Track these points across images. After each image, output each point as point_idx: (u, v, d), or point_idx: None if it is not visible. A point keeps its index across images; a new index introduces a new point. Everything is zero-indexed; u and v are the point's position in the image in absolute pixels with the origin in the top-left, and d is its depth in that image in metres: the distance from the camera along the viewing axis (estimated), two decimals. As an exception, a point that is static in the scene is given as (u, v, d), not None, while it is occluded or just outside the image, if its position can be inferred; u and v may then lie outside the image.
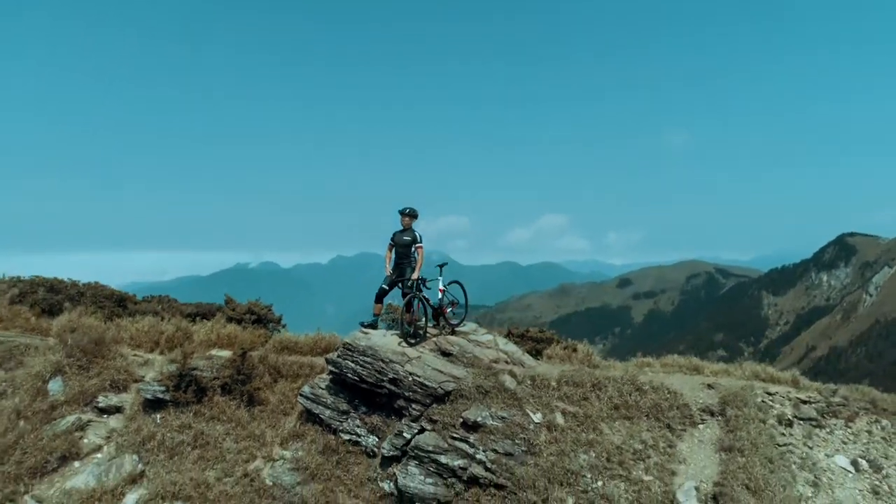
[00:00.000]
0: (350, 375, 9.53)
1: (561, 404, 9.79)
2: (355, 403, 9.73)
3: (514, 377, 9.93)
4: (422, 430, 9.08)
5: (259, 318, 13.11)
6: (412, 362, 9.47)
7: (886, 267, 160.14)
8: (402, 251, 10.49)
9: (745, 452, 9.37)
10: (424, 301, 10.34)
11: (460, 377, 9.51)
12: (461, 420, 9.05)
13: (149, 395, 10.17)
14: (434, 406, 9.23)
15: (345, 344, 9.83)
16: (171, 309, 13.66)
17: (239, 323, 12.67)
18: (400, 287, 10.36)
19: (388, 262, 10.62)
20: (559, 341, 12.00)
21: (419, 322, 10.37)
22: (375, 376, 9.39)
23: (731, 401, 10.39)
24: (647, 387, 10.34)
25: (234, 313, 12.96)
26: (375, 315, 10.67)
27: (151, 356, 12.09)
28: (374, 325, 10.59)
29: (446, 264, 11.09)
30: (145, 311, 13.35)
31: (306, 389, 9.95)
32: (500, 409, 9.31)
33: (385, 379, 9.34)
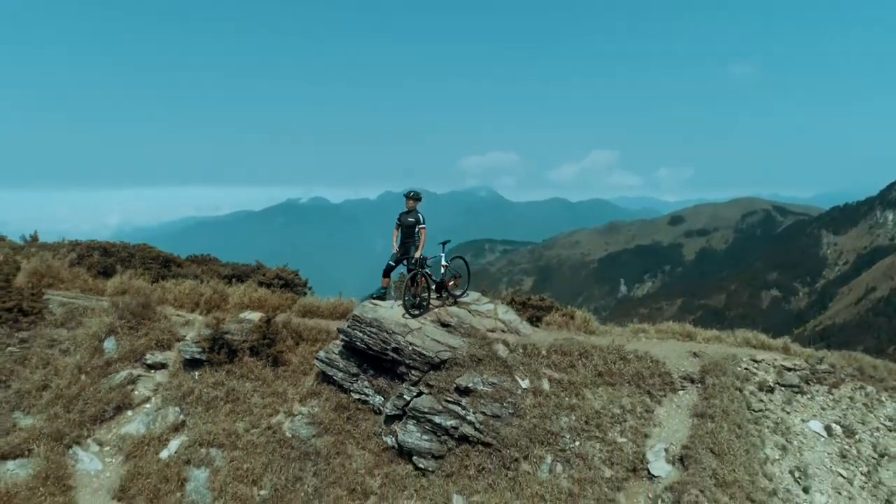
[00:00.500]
0: (358, 343, 10.75)
1: (548, 371, 10.81)
2: (364, 367, 10.98)
3: (506, 346, 10.96)
4: (420, 394, 10.28)
5: (286, 283, 14.43)
6: (413, 333, 10.59)
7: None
8: (407, 231, 11.47)
9: (715, 419, 10.23)
10: (427, 276, 11.38)
11: (456, 347, 10.60)
12: (455, 385, 10.19)
13: (188, 355, 11.66)
14: (431, 372, 10.39)
15: (354, 315, 11.02)
16: (210, 272, 15.10)
17: (268, 287, 14.02)
18: (405, 264, 11.39)
19: (395, 241, 11.62)
20: (558, 308, 12.89)
21: (423, 294, 11.44)
22: (380, 345, 10.57)
23: (712, 369, 11.19)
24: (631, 356, 11.23)
25: (264, 278, 14.31)
26: (383, 288, 11.80)
27: (192, 316, 13.59)
28: (382, 297, 11.72)
29: (448, 241, 12.04)
30: (186, 275, 14.83)
31: (322, 354, 11.26)
32: (492, 375, 10.40)
33: (389, 348, 10.51)
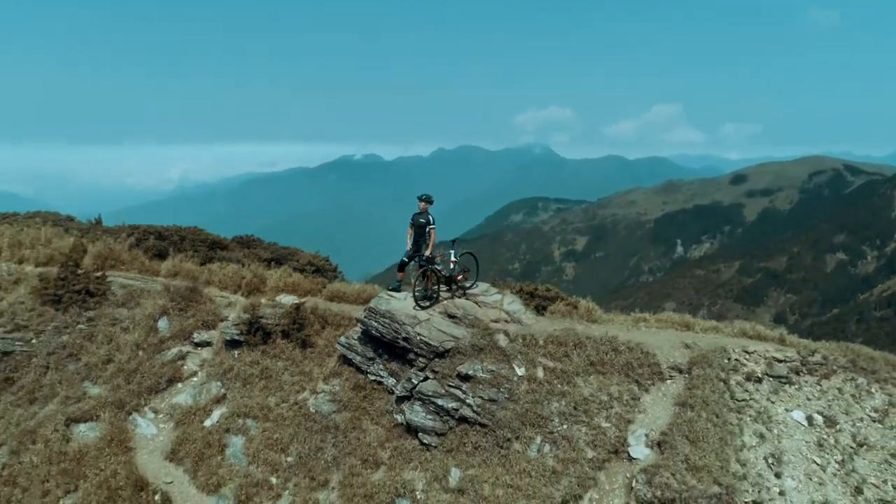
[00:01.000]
0: (374, 332, 12.08)
1: (544, 360, 11.90)
2: (379, 352, 12.32)
3: (507, 336, 12.09)
4: (426, 379, 11.56)
5: (318, 269, 15.86)
6: (421, 324, 11.83)
7: None
8: (419, 231, 12.59)
9: (694, 408, 11.16)
10: (436, 272, 12.53)
11: (459, 337, 11.79)
12: (456, 372, 11.43)
13: (228, 336, 13.27)
14: (436, 360, 11.64)
15: (369, 307, 12.33)
16: (252, 255, 16.66)
17: (302, 272, 15.48)
18: (417, 260, 12.57)
19: (409, 238, 12.78)
20: (563, 298, 13.85)
21: (433, 288, 12.63)
22: (392, 334, 11.87)
23: (699, 361, 12.03)
24: (623, 347, 12.17)
25: (297, 264, 15.78)
26: (398, 281, 13.03)
27: (234, 297, 15.21)
28: (397, 290, 12.95)
29: (457, 240, 13.14)
30: (230, 259, 16.43)
31: (343, 339, 12.66)
32: (491, 363, 11.58)
33: (399, 337, 11.80)
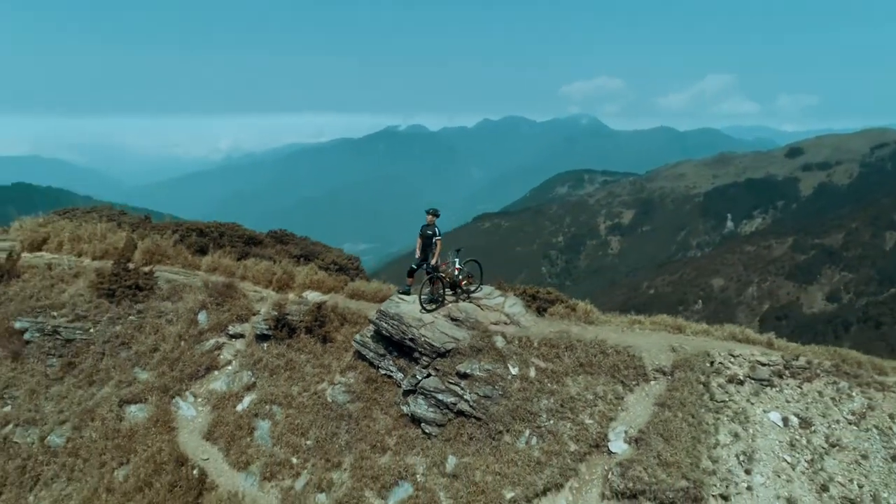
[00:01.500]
0: (384, 332, 13.48)
1: (536, 361, 13.08)
2: (389, 349, 13.72)
3: (504, 338, 13.31)
4: (428, 375, 12.90)
5: (341, 268, 17.32)
6: (426, 326, 13.14)
7: None
8: (426, 241, 13.85)
9: (672, 408, 12.20)
10: (441, 279, 13.80)
11: (460, 339, 13.07)
12: (456, 371, 12.74)
13: (258, 330, 14.87)
14: (438, 359, 12.96)
15: (380, 309, 13.70)
16: (283, 252, 18.23)
17: (326, 270, 16.96)
18: (424, 268, 13.85)
19: (418, 247, 14.04)
20: (563, 301, 14.91)
21: (439, 292, 13.91)
22: (400, 335, 13.23)
23: (682, 364, 13.01)
24: (610, 350, 13.23)
25: (322, 263, 17.27)
26: (408, 286, 14.37)
27: (266, 292, 16.83)
28: (407, 293, 14.27)
29: (462, 249, 14.35)
30: (263, 256, 18.02)
31: (358, 336, 14.10)
32: (487, 363, 12.84)
33: (406, 337, 13.15)
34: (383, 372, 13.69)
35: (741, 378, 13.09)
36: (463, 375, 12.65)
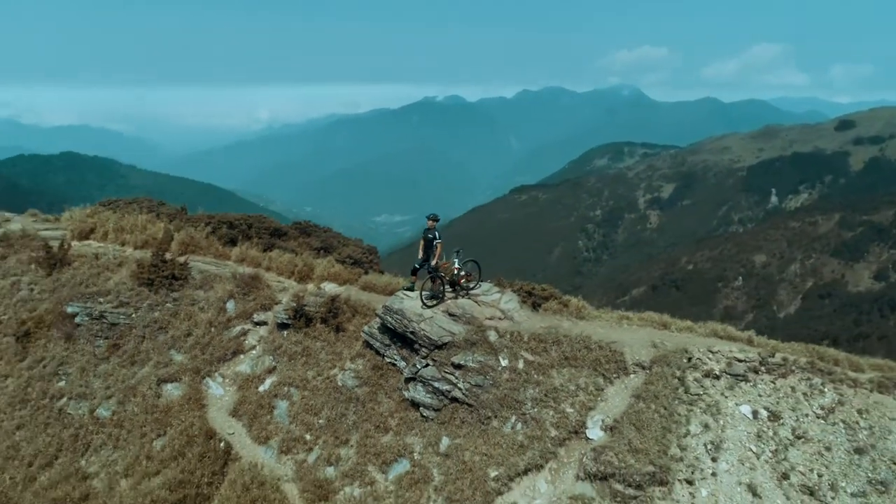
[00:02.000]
0: (388, 325, 14.92)
1: (525, 354, 14.36)
2: (393, 340, 15.18)
3: (497, 332, 14.61)
4: (427, 365, 14.32)
5: (356, 261, 18.80)
6: (425, 321, 14.52)
7: None
8: (428, 243, 15.16)
9: (646, 400, 13.36)
10: (441, 278, 15.13)
11: (456, 333, 14.43)
12: (451, 362, 14.12)
13: (279, 319, 16.51)
14: (436, 351, 14.36)
15: (385, 305, 15.13)
16: (304, 245, 19.80)
17: (343, 263, 18.46)
18: (426, 267, 15.19)
19: (421, 249, 15.37)
20: (556, 297, 16.07)
21: (439, 289, 15.26)
22: (402, 328, 14.66)
23: (660, 359, 14.10)
24: (594, 345, 14.39)
25: (339, 256, 18.78)
26: (412, 283, 15.76)
27: (288, 282, 18.45)
28: (411, 289, 15.65)
29: (461, 250, 15.60)
30: (286, 248, 19.63)
31: (366, 328, 15.59)
32: (480, 355, 14.18)
33: (407, 331, 14.57)
34: (388, 360, 15.16)
35: (717, 373, 14.06)
36: (457, 366, 14.03)
